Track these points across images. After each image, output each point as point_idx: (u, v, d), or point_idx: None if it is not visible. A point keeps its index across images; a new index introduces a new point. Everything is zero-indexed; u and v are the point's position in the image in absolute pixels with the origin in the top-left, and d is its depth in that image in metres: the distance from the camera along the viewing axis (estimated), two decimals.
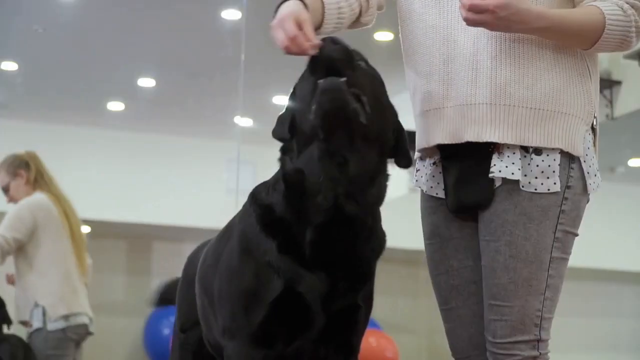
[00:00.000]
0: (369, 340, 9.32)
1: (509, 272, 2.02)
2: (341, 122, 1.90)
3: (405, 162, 2.07)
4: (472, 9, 1.92)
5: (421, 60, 2.17)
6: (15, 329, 4.72)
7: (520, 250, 2.02)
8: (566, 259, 2.08)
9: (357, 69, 2.00)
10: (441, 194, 2.18)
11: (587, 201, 2.13)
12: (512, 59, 2.05)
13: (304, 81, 1.99)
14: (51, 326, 4.41)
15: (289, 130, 2.00)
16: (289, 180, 2.00)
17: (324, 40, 1.97)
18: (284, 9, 1.97)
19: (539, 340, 2.02)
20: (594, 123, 2.12)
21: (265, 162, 2.92)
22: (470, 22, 1.95)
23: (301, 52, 1.94)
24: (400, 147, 2.06)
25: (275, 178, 2.07)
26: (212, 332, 2.25)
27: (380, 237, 2.09)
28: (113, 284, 10.28)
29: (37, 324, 4.41)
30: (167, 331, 9.61)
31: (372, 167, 1.97)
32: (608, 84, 6.52)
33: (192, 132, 9.51)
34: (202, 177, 9.38)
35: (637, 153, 9.26)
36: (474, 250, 2.14)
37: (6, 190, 4.67)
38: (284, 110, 2.05)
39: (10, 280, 4.78)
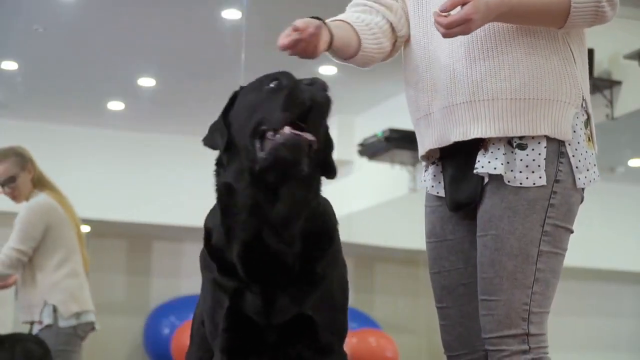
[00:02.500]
0: (369, 340, 9.33)
1: (495, 265, 2.04)
2: (286, 175, 1.96)
3: (332, 175, 2.10)
4: (449, 26, 1.95)
5: (410, 71, 2.22)
6: (18, 330, 4.71)
7: (504, 244, 2.03)
8: (559, 254, 2.07)
9: (324, 119, 2.03)
10: (442, 193, 2.20)
11: (582, 198, 2.12)
12: (485, 54, 2.07)
13: (256, 96, 2.04)
14: (63, 323, 4.41)
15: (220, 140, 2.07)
16: (218, 193, 2.07)
17: (315, 79, 2.00)
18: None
19: (527, 335, 2.02)
20: (584, 105, 2.11)
21: None
22: (450, 36, 1.99)
23: (305, 38, 2.01)
24: (328, 162, 2.09)
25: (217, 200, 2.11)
26: None
27: (326, 234, 2.08)
28: (113, 283, 10.29)
29: (47, 320, 4.40)
30: (167, 331, 9.62)
31: (301, 205, 2.01)
32: (608, 84, 6.52)
33: (192, 132, 9.48)
34: (202, 176, 9.33)
35: (637, 153, 9.27)
36: (465, 253, 2.17)
37: (11, 180, 4.58)
38: (219, 118, 2.09)
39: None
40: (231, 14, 6.77)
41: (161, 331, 9.70)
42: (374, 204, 8.97)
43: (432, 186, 2.22)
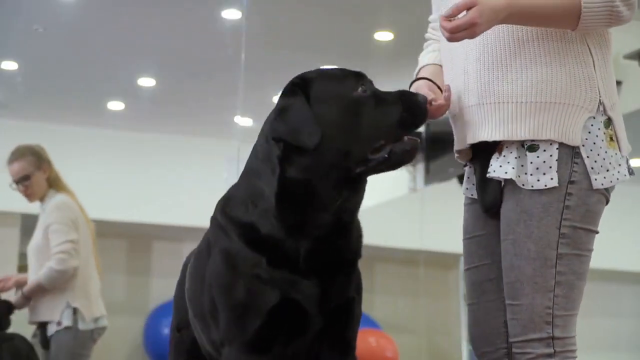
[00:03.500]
0: (369, 340, 9.33)
1: (515, 270, 2.05)
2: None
3: None
4: (453, 31, 1.97)
5: (445, 77, 2.25)
6: (19, 329, 4.70)
7: (522, 248, 2.04)
8: (581, 255, 2.07)
9: None
10: (475, 195, 2.23)
11: (606, 199, 2.11)
12: (494, 57, 2.08)
13: (351, 101, 2.00)
14: (82, 326, 4.41)
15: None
16: (285, 188, 1.99)
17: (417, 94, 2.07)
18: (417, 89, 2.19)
19: (552, 338, 2.02)
20: (601, 109, 2.09)
21: None
22: (455, 40, 2.01)
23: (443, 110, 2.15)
24: None
25: (250, 192, 2.05)
26: (202, 340, 2.29)
27: (358, 226, 2.15)
28: (113, 283, 10.28)
29: (66, 322, 4.39)
30: (167, 331, 9.59)
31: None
32: None
33: (192, 132, 9.51)
34: (202, 176, 9.38)
35: (637, 153, 9.24)
36: (492, 248, 2.19)
37: (25, 179, 4.57)
38: (306, 115, 1.99)
39: (1, 286, 4.67)
40: (231, 14, 6.77)
41: (161, 331, 9.69)
42: (374, 204, 8.97)
43: (467, 188, 2.26)
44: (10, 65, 7.89)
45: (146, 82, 8.26)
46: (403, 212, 9.30)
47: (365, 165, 1.98)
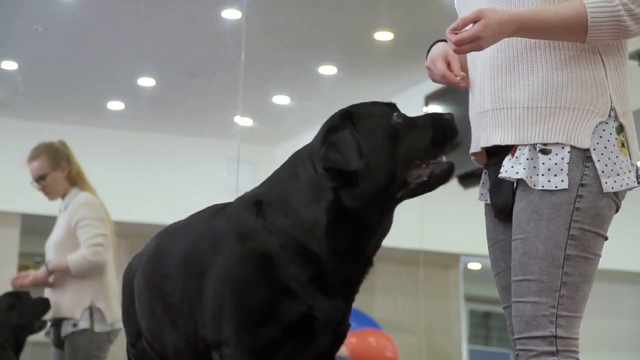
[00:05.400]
0: (369, 340, 9.33)
1: (523, 268, 2.07)
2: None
3: None
4: (458, 43, 2.03)
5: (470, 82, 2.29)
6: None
7: (531, 247, 2.06)
8: (589, 259, 2.09)
9: None
10: (489, 199, 2.28)
11: (616, 205, 2.14)
12: (507, 64, 2.12)
13: (390, 127, 2.15)
14: (98, 328, 4.38)
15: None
16: (346, 218, 2.12)
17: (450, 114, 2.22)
18: (434, 50, 2.26)
19: (555, 337, 2.03)
20: (612, 114, 2.10)
21: (265, 161, 2.93)
22: (461, 52, 2.08)
23: (452, 84, 2.20)
24: None
25: (293, 214, 2.13)
26: (162, 340, 2.32)
27: None
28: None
29: (83, 324, 4.37)
30: None
31: None
32: None
33: (192, 132, 9.51)
34: (202, 176, 9.39)
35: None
36: None
37: (41, 178, 4.54)
38: (350, 140, 2.12)
39: (20, 283, 4.61)
40: (231, 14, 6.77)
41: None
42: None
43: (482, 194, 2.30)
44: (10, 65, 7.90)
45: (146, 82, 8.27)
46: (403, 212, 9.28)
47: (406, 189, 2.14)
